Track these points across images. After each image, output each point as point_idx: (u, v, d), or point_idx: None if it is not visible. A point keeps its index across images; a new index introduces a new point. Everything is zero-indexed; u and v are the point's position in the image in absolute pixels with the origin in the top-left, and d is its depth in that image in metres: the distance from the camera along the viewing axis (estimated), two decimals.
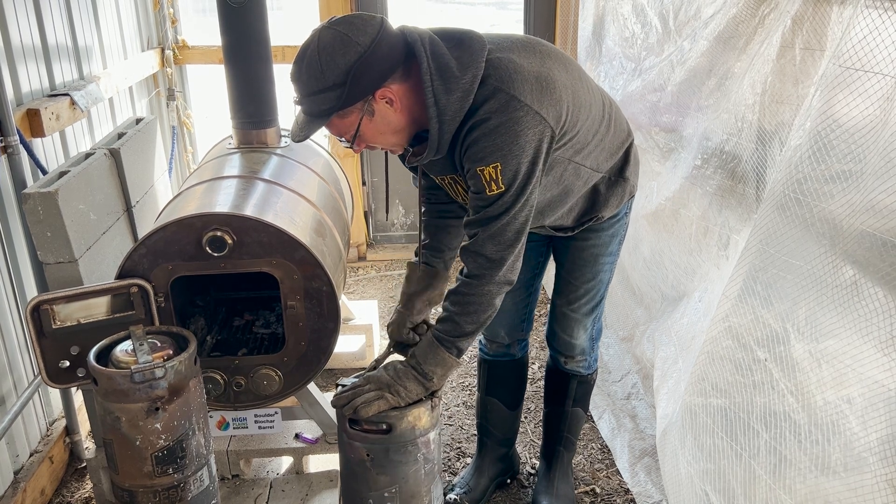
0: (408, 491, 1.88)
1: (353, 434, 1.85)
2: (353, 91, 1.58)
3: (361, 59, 1.56)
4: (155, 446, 1.81)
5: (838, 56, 1.42)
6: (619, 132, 1.96)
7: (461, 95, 1.61)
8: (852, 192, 1.39)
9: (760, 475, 1.63)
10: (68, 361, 2.07)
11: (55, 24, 2.81)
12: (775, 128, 1.90)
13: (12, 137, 2.29)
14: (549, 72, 1.68)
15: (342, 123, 1.66)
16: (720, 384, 1.79)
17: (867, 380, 1.39)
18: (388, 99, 1.63)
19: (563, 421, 2.46)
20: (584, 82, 1.82)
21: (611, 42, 3.22)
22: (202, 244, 2.10)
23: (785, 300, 1.58)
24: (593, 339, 2.33)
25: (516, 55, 1.68)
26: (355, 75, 1.56)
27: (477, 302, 1.77)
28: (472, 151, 1.65)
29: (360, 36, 1.56)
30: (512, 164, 1.62)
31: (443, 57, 1.63)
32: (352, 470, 1.89)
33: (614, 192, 2.00)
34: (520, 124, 1.60)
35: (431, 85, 1.61)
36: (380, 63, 1.58)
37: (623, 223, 2.14)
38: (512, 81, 1.62)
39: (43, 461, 2.53)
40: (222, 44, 2.69)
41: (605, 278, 2.19)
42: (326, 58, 1.56)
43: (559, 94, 1.68)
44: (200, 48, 4.24)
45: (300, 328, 2.22)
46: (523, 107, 1.61)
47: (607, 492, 2.58)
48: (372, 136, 1.71)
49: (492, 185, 1.65)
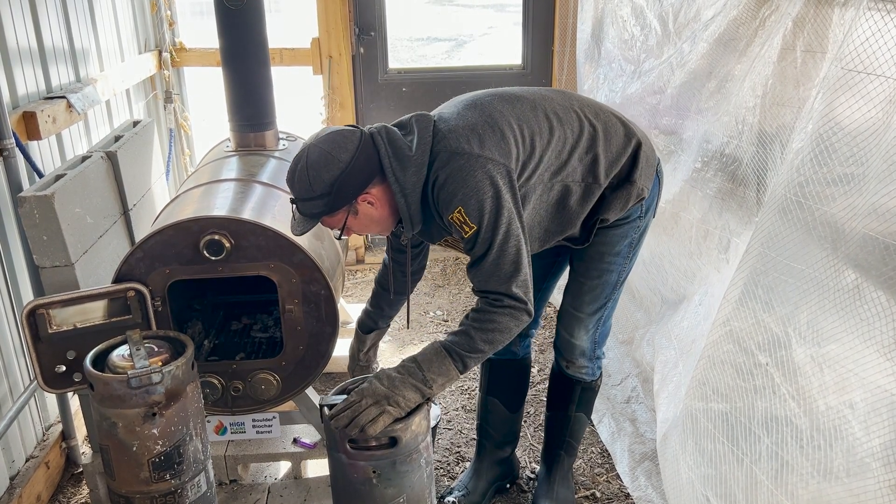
0: (414, 498, 1.85)
1: (355, 454, 1.78)
2: (337, 200, 1.83)
3: (343, 174, 1.80)
4: (152, 452, 1.80)
5: (840, 58, 1.41)
6: (615, 141, 2.01)
7: (415, 170, 1.84)
8: (854, 196, 1.38)
9: (762, 480, 1.62)
10: (64, 366, 2.06)
11: (52, 27, 2.80)
12: (776, 130, 1.89)
13: (8, 140, 2.27)
14: (488, 118, 1.88)
15: (331, 221, 1.90)
16: (721, 388, 1.78)
17: (869, 384, 1.38)
18: (369, 201, 1.88)
19: (565, 426, 2.45)
20: (539, 110, 1.96)
21: (610, 44, 3.21)
22: (200, 248, 2.08)
23: (786, 304, 1.57)
24: (596, 342, 2.31)
25: (456, 118, 1.90)
26: (339, 188, 1.81)
27: (498, 321, 1.84)
28: (440, 206, 1.86)
29: (341, 153, 1.81)
30: (472, 204, 1.79)
31: (397, 142, 1.87)
32: (355, 490, 1.82)
33: (618, 195, 2.02)
34: (463, 170, 1.81)
35: (391, 167, 1.85)
36: (358, 175, 1.82)
37: (634, 226, 2.13)
38: (449, 141, 1.85)
39: (39, 466, 2.51)
40: (220, 46, 2.68)
41: (611, 279, 2.18)
42: (313, 173, 1.80)
43: (501, 132, 1.87)
44: (198, 50, 4.23)
45: (298, 332, 2.21)
46: (463, 155, 1.82)
47: (607, 496, 2.57)
48: (358, 229, 1.95)
49: (464, 228, 1.84)
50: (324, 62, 4.14)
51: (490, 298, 1.86)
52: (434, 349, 1.85)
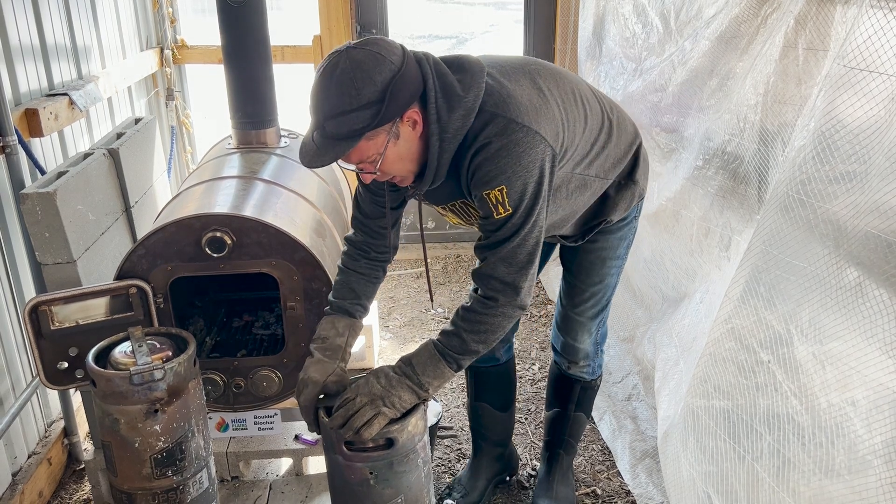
0: (412, 498, 1.85)
1: (351, 456, 1.76)
2: (389, 109, 1.54)
3: (396, 76, 1.54)
4: (154, 448, 1.80)
5: (842, 56, 1.41)
6: (625, 137, 1.95)
7: (463, 114, 1.62)
8: (856, 193, 1.38)
9: (764, 478, 1.62)
10: (67, 363, 2.06)
11: (54, 24, 2.80)
12: (778, 128, 1.89)
13: (10, 137, 2.27)
14: (540, 92, 1.72)
15: (368, 146, 1.60)
16: (723, 386, 1.78)
17: (871, 382, 1.38)
18: (413, 121, 1.61)
19: (564, 424, 2.44)
20: (577, 94, 1.83)
21: (611, 42, 3.21)
22: (201, 245, 2.09)
23: (788, 301, 1.57)
24: (598, 343, 2.30)
25: (508, 80, 1.70)
26: (392, 93, 1.53)
27: (489, 322, 1.74)
28: (478, 176, 1.66)
29: (391, 55, 1.56)
30: (517, 186, 1.63)
31: (446, 76, 1.64)
32: (352, 491, 1.80)
33: (623, 195, 1.99)
34: (520, 145, 1.62)
35: (435, 102, 1.61)
36: (410, 82, 1.57)
37: (632, 227, 2.12)
38: (507, 106, 1.64)
39: (41, 463, 2.52)
40: (222, 43, 2.68)
41: (611, 282, 2.17)
42: (362, 74, 1.51)
43: (553, 113, 1.71)
44: (199, 48, 4.23)
45: (300, 329, 2.21)
46: (522, 128, 1.62)
47: (608, 493, 2.57)
48: (393, 162, 1.66)
49: (499, 209, 1.66)
50: None
51: (486, 293, 1.73)
52: (428, 352, 1.76)
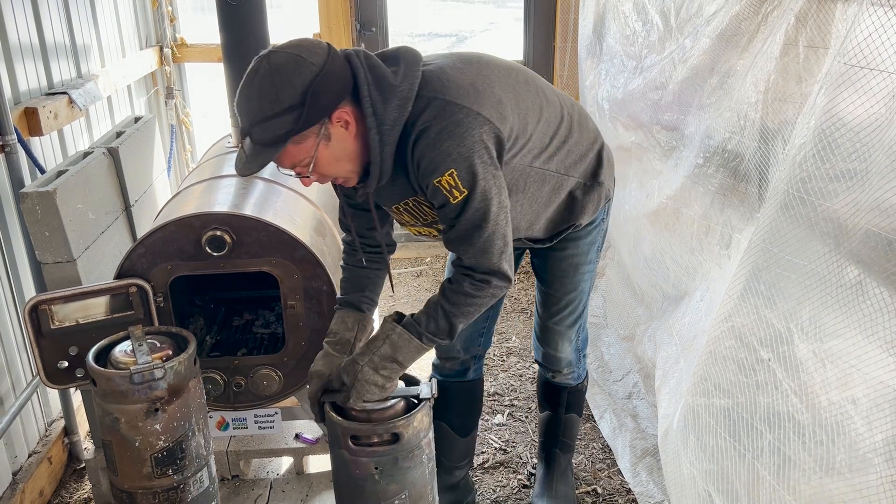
0: (416, 494, 1.85)
1: (357, 450, 1.77)
2: (312, 112, 1.51)
3: (318, 77, 1.50)
4: (154, 447, 1.80)
5: (843, 54, 1.41)
6: (586, 134, 1.92)
7: (399, 103, 1.58)
8: (857, 191, 1.38)
9: (764, 476, 1.62)
10: (67, 362, 2.07)
11: (53, 22, 2.80)
12: (778, 126, 1.88)
13: (10, 136, 2.27)
14: (485, 78, 1.68)
15: (298, 150, 1.58)
16: (723, 384, 1.78)
17: (872, 380, 1.38)
18: (344, 121, 1.58)
19: (557, 426, 2.43)
20: (531, 84, 1.80)
21: (612, 40, 3.21)
22: (201, 244, 2.09)
23: (789, 300, 1.56)
24: (579, 349, 2.26)
25: (450, 68, 1.67)
26: (313, 94, 1.50)
27: (480, 303, 1.71)
28: (424, 165, 1.60)
29: (312, 56, 1.52)
30: (465, 166, 1.58)
31: (378, 69, 1.61)
32: (357, 486, 1.81)
33: (590, 197, 1.95)
34: (461, 125, 1.57)
35: (369, 95, 1.57)
36: (335, 82, 1.54)
37: (600, 230, 2.08)
38: (446, 89, 1.61)
39: (41, 462, 2.52)
40: (221, 42, 2.68)
41: (585, 288, 2.13)
42: (281, 78, 1.49)
43: (499, 97, 1.66)
44: (199, 46, 4.22)
45: (300, 328, 2.21)
46: (461, 108, 1.59)
47: (609, 492, 2.57)
48: (328, 164, 1.62)
49: (454, 193, 1.60)
50: None
51: (476, 279, 1.69)
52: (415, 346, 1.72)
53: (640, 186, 2.88)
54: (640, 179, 2.90)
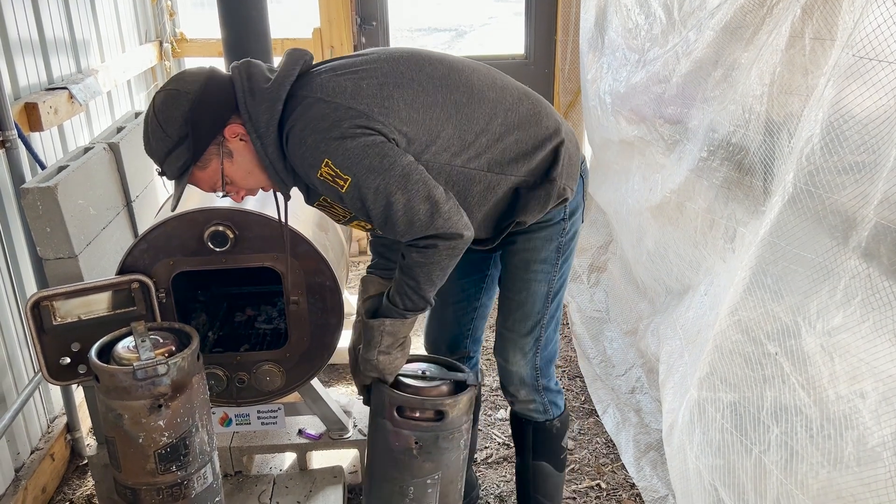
0: (448, 477, 1.88)
1: (400, 422, 1.82)
2: (199, 136, 1.59)
3: (195, 103, 1.58)
4: (158, 444, 1.80)
5: (851, 45, 1.40)
6: (535, 131, 1.79)
7: (268, 105, 1.59)
8: (865, 184, 1.37)
9: (771, 470, 1.61)
10: (69, 358, 2.05)
11: (52, 17, 2.78)
12: (784, 119, 1.87)
13: (10, 132, 2.26)
14: (376, 77, 1.64)
15: (206, 175, 1.66)
16: (730, 378, 1.77)
17: (880, 373, 1.38)
18: (240, 135, 1.62)
19: (525, 477, 2.17)
20: (455, 80, 1.71)
21: (614, 33, 3.19)
22: (204, 239, 2.07)
23: (796, 293, 1.56)
24: (537, 370, 2.02)
25: (341, 66, 1.66)
26: (194, 121, 1.57)
27: (437, 267, 1.68)
28: (300, 165, 1.61)
29: (187, 86, 1.60)
30: (338, 152, 1.55)
31: (256, 77, 1.63)
32: (394, 458, 1.85)
33: (535, 194, 1.80)
34: (325, 119, 1.56)
35: (245, 101, 1.61)
36: (215, 102, 1.59)
37: (559, 228, 1.89)
38: (322, 88, 1.60)
39: (44, 458, 2.51)
40: (222, 37, 2.67)
41: (539, 291, 1.93)
42: (163, 116, 1.59)
43: (388, 93, 1.62)
44: (199, 41, 4.21)
45: (303, 324, 2.20)
46: (329, 104, 1.57)
47: (613, 486, 2.57)
48: (242, 178, 1.69)
49: (338, 182, 1.58)
50: (325, 52, 4.12)
51: (420, 247, 1.65)
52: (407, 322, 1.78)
53: (643, 180, 2.87)
54: (643, 173, 2.88)
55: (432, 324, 2.26)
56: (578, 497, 2.52)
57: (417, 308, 1.75)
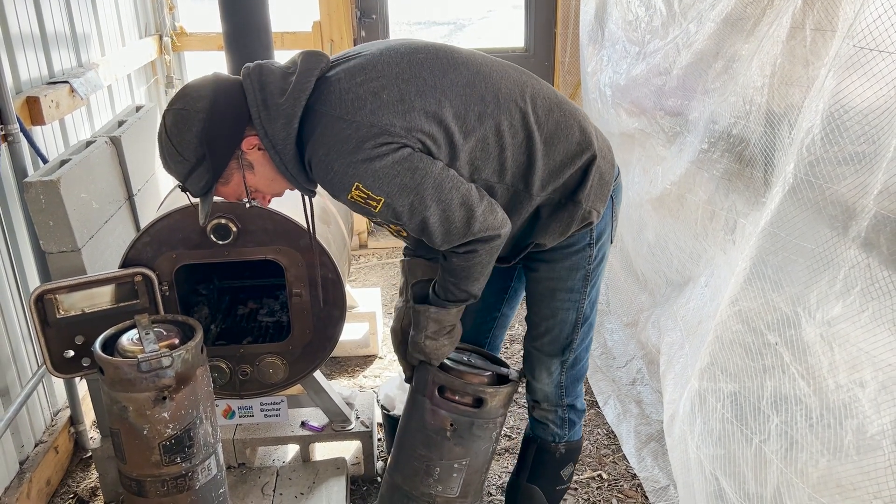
0: (475, 466, 1.91)
1: (440, 402, 1.85)
2: (217, 157, 1.56)
3: (206, 123, 1.53)
4: (162, 435, 1.81)
5: (852, 36, 1.40)
6: (562, 147, 1.71)
7: (284, 122, 1.54)
8: (865, 174, 1.38)
9: (771, 459, 1.62)
10: (73, 351, 2.07)
11: (53, 11, 2.78)
12: (784, 110, 1.88)
13: (12, 125, 2.27)
14: (396, 83, 1.56)
15: (229, 189, 1.64)
16: (730, 368, 1.78)
17: (880, 362, 1.38)
18: (256, 146, 1.59)
19: (514, 498, 2.10)
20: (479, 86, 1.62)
21: (614, 25, 3.19)
22: (206, 232, 2.08)
23: (796, 283, 1.56)
24: (563, 388, 1.98)
25: (358, 70, 1.57)
26: (209, 141, 1.54)
27: (478, 267, 1.68)
28: (329, 189, 1.58)
29: (196, 104, 1.55)
30: (367, 175, 1.51)
31: (269, 86, 1.56)
32: (426, 437, 1.88)
33: (558, 216, 1.74)
34: (349, 142, 1.50)
35: (259, 116, 1.55)
36: (227, 118, 1.55)
37: (585, 256, 1.82)
38: (341, 102, 1.53)
39: (48, 451, 2.53)
40: (223, 30, 2.67)
41: (568, 318, 1.88)
42: (176, 139, 1.55)
43: (411, 102, 1.54)
44: (199, 35, 4.21)
45: (305, 316, 2.21)
46: (350, 123, 1.51)
47: (614, 477, 2.58)
48: (266, 186, 1.67)
49: (370, 203, 1.54)
50: (325, 46, 4.12)
51: (460, 253, 1.64)
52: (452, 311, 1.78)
53: (644, 173, 2.87)
54: (644, 166, 2.89)
55: None
56: (580, 488, 2.53)
57: (460, 300, 1.77)
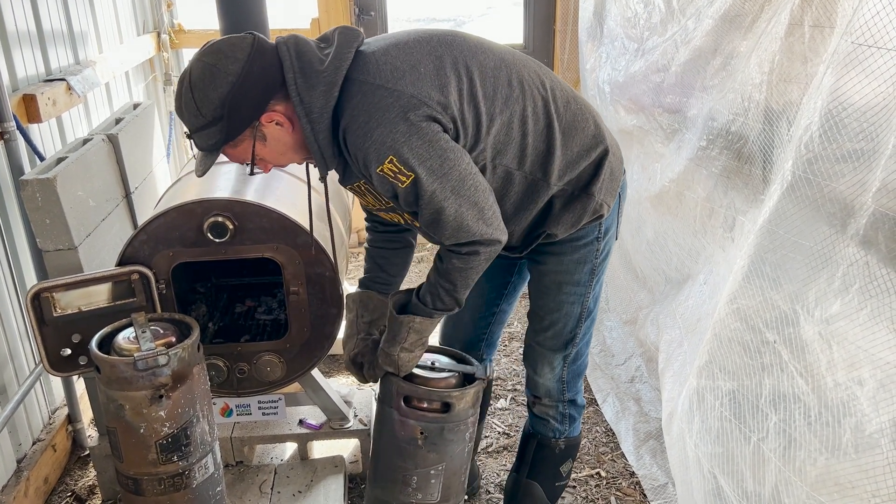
0: (452, 469, 1.89)
1: (407, 411, 1.83)
2: (234, 123, 1.53)
3: (234, 88, 1.49)
4: (159, 434, 1.80)
5: (850, 32, 1.39)
6: (579, 139, 1.74)
7: (324, 89, 1.52)
8: (864, 172, 1.37)
9: (769, 457, 1.62)
10: (70, 349, 2.06)
11: (50, 9, 2.77)
12: (783, 107, 1.87)
13: (9, 123, 2.26)
14: (432, 57, 1.57)
15: (236, 153, 1.61)
16: (728, 366, 1.77)
17: (878, 361, 1.38)
18: (277, 121, 1.57)
19: (514, 495, 2.11)
20: (506, 69, 1.65)
21: (612, 22, 3.18)
22: (203, 230, 2.08)
23: (794, 281, 1.56)
24: (564, 383, 2.00)
25: (393, 48, 1.57)
26: (231, 106, 1.50)
27: (474, 271, 1.69)
28: (362, 158, 1.55)
29: (229, 64, 1.50)
30: (404, 150, 1.50)
31: (306, 55, 1.54)
32: (398, 447, 1.87)
33: (571, 207, 1.76)
34: (390, 110, 1.49)
35: (295, 84, 1.52)
36: (256, 87, 1.51)
37: (592, 249, 1.84)
38: (379, 71, 1.52)
39: (46, 449, 2.52)
40: (220, 28, 2.66)
41: (572, 311, 1.90)
42: (199, 94, 1.50)
43: (446, 75, 1.55)
44: (197, 32, 4.19)
45: (303, 314, 2.21)
46: (391, 92, 1.50)
47: (612, 475, 2.58)
48: (273, 158, 1.65)
49: (399, 178, 1.53)
50: None
51: (462, 253, 1.65)
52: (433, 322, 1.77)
53: (642, 170, 2.87)
54: (642, 163, 2.88)
55: (449, 324, 2.24)
56: (578, 485, 2.53)
57: (447, 308, 1.75)
